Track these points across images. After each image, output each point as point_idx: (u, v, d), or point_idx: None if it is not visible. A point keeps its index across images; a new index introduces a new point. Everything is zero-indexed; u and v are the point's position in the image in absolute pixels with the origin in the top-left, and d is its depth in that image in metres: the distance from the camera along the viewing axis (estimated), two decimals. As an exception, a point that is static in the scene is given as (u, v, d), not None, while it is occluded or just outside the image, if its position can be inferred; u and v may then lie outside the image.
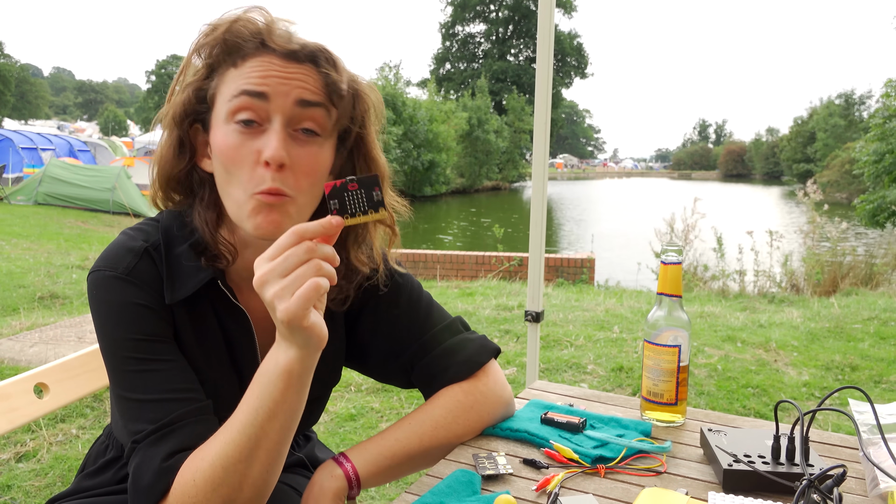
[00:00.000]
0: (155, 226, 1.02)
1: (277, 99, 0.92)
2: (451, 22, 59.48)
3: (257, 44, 0.94)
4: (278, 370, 0.86)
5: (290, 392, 0.87)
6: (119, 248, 0.98)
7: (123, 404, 0.93)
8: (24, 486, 2.65)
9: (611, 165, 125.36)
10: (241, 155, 0.92)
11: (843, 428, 3.23)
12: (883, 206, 10.98)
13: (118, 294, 0.95)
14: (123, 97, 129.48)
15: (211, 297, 1.02)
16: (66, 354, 1.38)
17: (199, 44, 0.96)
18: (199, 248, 1.00)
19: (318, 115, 0.94)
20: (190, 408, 0.93)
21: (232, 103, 0.92)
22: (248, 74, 0.93)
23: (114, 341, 0.95)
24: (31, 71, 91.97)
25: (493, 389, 1.16)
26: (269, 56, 0.93)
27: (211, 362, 1.02)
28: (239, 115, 0.92)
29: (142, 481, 0.89)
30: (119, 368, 0.94)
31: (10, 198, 15.21)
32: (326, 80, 0.95)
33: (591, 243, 15.45)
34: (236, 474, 0.87)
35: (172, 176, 1.00)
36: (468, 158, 35.91)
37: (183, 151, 0.99)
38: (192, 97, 0.97)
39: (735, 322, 5.40)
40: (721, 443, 1.07)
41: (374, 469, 1.05)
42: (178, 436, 0.90)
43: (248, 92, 0.91)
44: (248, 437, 0.87)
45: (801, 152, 57.86)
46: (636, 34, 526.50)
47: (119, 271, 0.96)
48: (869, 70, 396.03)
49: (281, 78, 0.92)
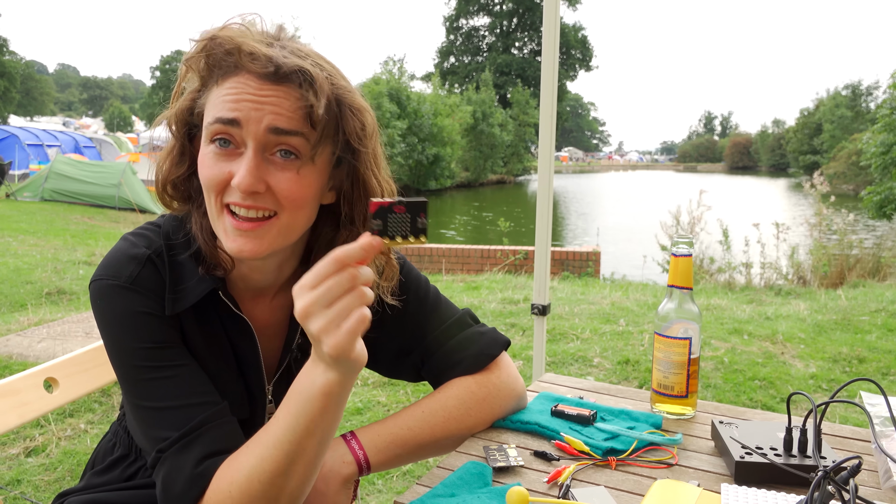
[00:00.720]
0: (157, 231, 1.02)
1: (250, 125, 0.89)
2: (456, 15, 59.33)
3: (233, 63, 0.91)
4: (316, 391, 0.84)
5: (328, 412, 0.86)
6: (121, 256, 0.97)
7: (141, 413, 0.93)
8: (34, 481, 2.66)
9: (616, 158, 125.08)
10: (213, 174, 0.91)
11: (851, 420, 3.22)
12: (890, 198, 10.91)
13: (122, 303, 0.94)
14: (128, 93, 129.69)
15: (216, 304, 1.01)
16: (73, 349, 1.39)
17: (188, 57, 0.95)
18: (199, 257, 0.99)
19: (294, 141, 0.91)
20: (211, 412, 0.93)
21: (209, 129, 0.91)
22: (223, 97, 0.90)
23: (123, 351, 0.94)
24: (36, 67, 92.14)
25: (505, 382, 1.16)
26: (246, 77, 0.90)
27: (219, 367, 1.02)
28: (215, 136, 0.91)
29: (174, 489, 0.88)
30: (132, 378, 0.93)
31: (17, 194, 15.25)
32: (303, 102, 0.90)
33: (596, 236, 15.42)
34: (274, 488, 0.87)
35: (169, 181, 1.00)
36: (473, 152, 35.86)
37: (182, 158, 0.99)
38: (185, 110, 0.96)
39: (742, 314, 5.38)
40: (733, 435, 1.07)
41: (384, 458, 1.05)
42: (204, 441, 0.90)
43: (220, 119, 0.90)
44: (285, 453, 0.86)
45: (807, 144, 57.57)
46: (641, 26, 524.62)
47: (122, 280, 0.95)
48: (876, 61, 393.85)
49: (254, 103, 0.89)
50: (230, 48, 0.90)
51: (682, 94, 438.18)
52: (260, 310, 1.06)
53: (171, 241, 1.00)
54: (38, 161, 20.21)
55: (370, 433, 1.06)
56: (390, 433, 1.06)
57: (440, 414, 1.09)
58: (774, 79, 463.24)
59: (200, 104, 0.95)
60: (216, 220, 0.94)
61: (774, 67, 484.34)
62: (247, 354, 1.05)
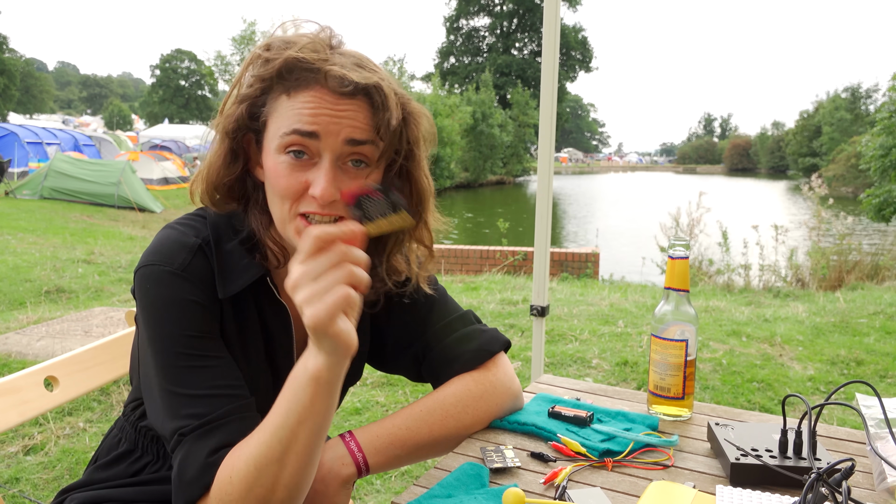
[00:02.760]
0: (203, 221, 1.04)
1: (328, 138, 0.93)
2: (456, 15, 59.32)
3: (312, 78, 0.94)
4: (306, 376, 0.87)
5: (318, 398, 0.88)
6: (172, 244, 0.99)
7: (170, 398, 0.94)
8: (32, 479, 2.67)
9: (615, 160, 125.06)
10: (290, 184, 0.94)
11: (847, 422, 3.23)
12: (889, 201, 10.93)
13: (173, 290, 0.96)
14: (128, 91, 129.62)
15: (255, 292, 1.04)
16: (73, 348, 1.39)
17: (255, 61, 0.98)
18: (248, 245, 1.02)
19: (367, 150, 0.95)
20: (236, 404, 0.94)
21: (284, 140, 0.94)
22: (299, 110, 0.93)
23: (165, 336, 0.95)
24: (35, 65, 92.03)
25: (502, 380, 1.17)
26: (322, 91, 0.93)
27: (249, 357, 1.04)
28: (290, 148, 0.94)
29: (186, 474, 0.90)
30: (169, 364, 0.95)
31: (16, 192, 15.25)
32: (376, 116, 0.95)
33: (595, 237, 15.44)
34: (269, 476, 0.88)
35: (222, 184, 1.02)
36: (472, 153, 35.85)
37: (235, 161, 1.02)
38: (245, 114, 0.98)
39: (740, 316, 5.39)
40: (728, 437, 1.07)
41: (383, 459, 1.06)
42: (223, 431, 0.92)
43: (299, 131, 0.92)
44: (279, 439, 0.88)
45: (806, 146, 57.59)
46: (641, 28, 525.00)
47: (175, 267, 0.97)
48: (875, 64, 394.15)
49: (332, 117, 0.93)
50: (312, 64, 0.93)
51: (681, 96, 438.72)
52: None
53: (219, 230, 1.02)
54: (37, 159, 20.21)
55: (369, 434, 1.07)
56: (389, 434, 1.07)
57: (438, 412, 1.10)
58: (774, 81, 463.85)
59: (265, 111, 0.97)
60: (287, 223, 0.97)
61: (774, 69, 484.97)
62: (280, 343, 1.07)
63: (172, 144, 27.87)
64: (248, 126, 0.99)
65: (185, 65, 68.28)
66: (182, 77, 68.09)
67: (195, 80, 67.63)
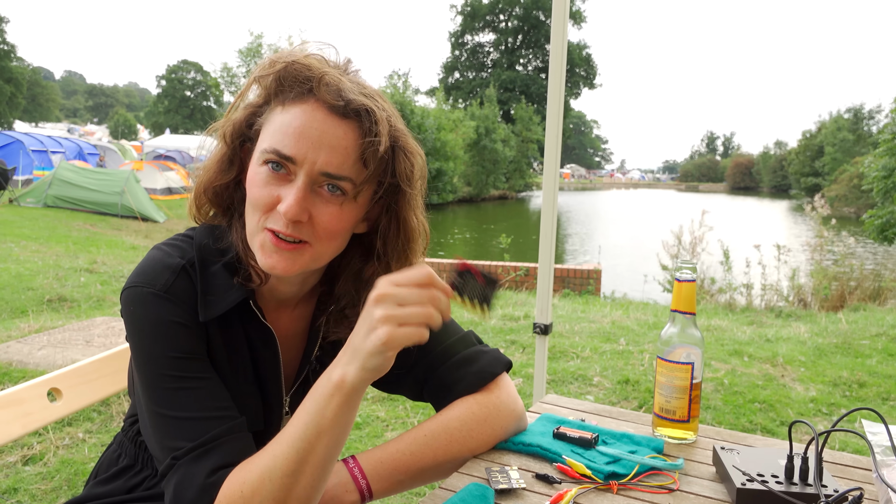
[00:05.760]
0: (189, 242, 1.04)
1: (305, 164, 0.93)
2: (461, 31, 59.73)
3: (306, 90, 0.95)
4: (332, 387, 0.89)
5: (340, 410, 0.89)
6: (156, 265, 0.99)
7: (159, 420, 0.94)
8: (31, 490, 2.66)
9: (618, 176, 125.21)
10: (262, 195, 0.95)
11: (851, 445, 3.21)
12: (892, 222, 10.94)
13: (156, 311, 0.96)
14: (134, 101, 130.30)
15: (241, 314, 1.03)
16: (74, 358, 1.40)
17: (258, 73, 0.99)
18: (232, 267, 1.02)
19: (342, 183, 0.95)
20: (227, 426, 0.94)
21: (264, 155, 0.95)
22: (286, 127, 0.94)
23: (151, 358, 0.95)
24: (42, 74, 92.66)
25: (505, 402, 1.16)
26: (314, 106, 0.94)
27: (238, 378, 1.03)
28: (269, 161, 0.95)
29: (185, 497, 0.90)
30: (155, 385, 0.95)
31: (20, 200, 15.29)
32: (364, 140, 0.95)
33: (598, 254, 15.43)
34: (283, 488, 0.88)
35: (211, 186, 1.03)
36: (475, 167, 35.97)
37: (231, 167, 1.03)
38: (243, 121, 1.00)
39: (742, 336, 5.38)
40: (734, 461, 1.07)
41: (387, 485, 1.05)
42: (219, 453, 0.92)
43: (278, 152, 0.94)
44: (296, 451, 0.88)
45: (809, 166, 57.65)
46: (645, 45, 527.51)
47: (157, 288, 0.97)
48: (879, 85, 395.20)
49: (313, 141, 0.93)
50: (308, 74, 0.95)
51: (684, 114, 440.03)
52: (282, 320, 1.09)
53: (204, 251, 1.03)
54: (42, 167, 20.29)
55: (372, 460, 1.06)
56: (393, 459, 1.06)
57: (443, 437, 1.09)
58: (777, 100, 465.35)
59: (260, 121, 0.99)
60: (254, 234, 0.98)
61: (777, 89, 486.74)
62: (267, 364, 1.07)
63: (177, 154, 27.99)
64: (244, 134, 1.01)
65: (191, 76, 68.71)
66: (188, 88, 68.50)
67: (201, 91, 68.02)
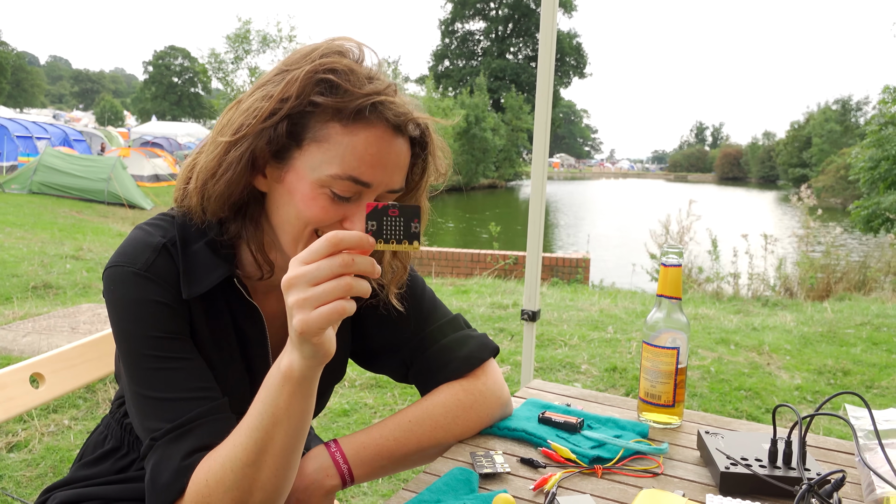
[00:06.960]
0: (171, 221, 1.01)
1: (378, 188, 0.93)
2: (451, 19, 59.38)
3: (370, 106, 0.90)
4: (281, 376, 0.86)
5: (293, 399, 0.87)
6: (137, 244, 0.97)
7: (140, 401, 0.93)
8: (16, 477, 2.64)
9: (607, 166, 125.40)
10: (327, 216, 0.92)
11: (835, 431, 3.24)
12: (877, 213, 11.03)
13: (137, 290, 0.94)
14: (120, 87, 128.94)
15: (226, 294, 1.02)
16: (59, 344, 1.38)
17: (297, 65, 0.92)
18: (214, 245, 0.99)
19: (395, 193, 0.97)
20: (208, 406, 0.93)
21: (336, 182, 0.90)
22: (361, 155, 0.90)
23: (132, 338, 0.94)
24: (27, 59, 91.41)
25: (491, 388, 1.16)
26: (382, 129, 0.92)
27: (224, 359, 1.02)
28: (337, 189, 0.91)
29: (160, 479, 0.89)
30: (137, 365, 0.94)
31: (5, 186, 15.11)
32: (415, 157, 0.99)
33: (586, 243, 15.47)
34: (245, 478, 0.88)
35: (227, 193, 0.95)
36: (465, 156, 35.86)
37: (252, 170, 0.95)
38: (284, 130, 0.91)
39: (729, 325, 5.42)
40: (718, 445, 1.07)
41: (368, 470, 1.05)
42: (196, 434, 0.90)
43: (356, 180, 0.91)
44: (254, 441, 0.87)
45: (796, 157, 57.99)
46: (635, 34, 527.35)
47: (137, 267, 0.95)
48: (866, 76, 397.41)
49: (386, 166, 0.92)
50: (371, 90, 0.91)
51: (674, 104, 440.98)
52: (271, 301, 1.07)
53: (185, 230, 1.00)
54: (26, 153, 20.06)
55: (355, 444, 1.06)
56: (376, 444, 1.06)
57: (427, 423, 1.09)
58: (765, 91, 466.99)
59: (308, 128, 0.91)
60: (300, 242, 0.94)
61: (766, 80, 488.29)
62: (255, 343, 1.05)
63: (164, 141, 27.76)
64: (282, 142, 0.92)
65: (179, 62, 68.09)
66: (175, 74, 67.89)
67: (188, 78, 67.44)
